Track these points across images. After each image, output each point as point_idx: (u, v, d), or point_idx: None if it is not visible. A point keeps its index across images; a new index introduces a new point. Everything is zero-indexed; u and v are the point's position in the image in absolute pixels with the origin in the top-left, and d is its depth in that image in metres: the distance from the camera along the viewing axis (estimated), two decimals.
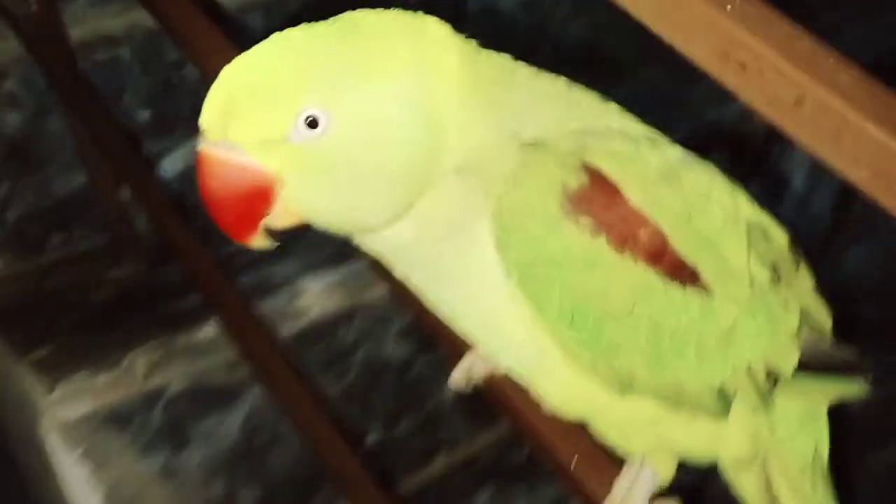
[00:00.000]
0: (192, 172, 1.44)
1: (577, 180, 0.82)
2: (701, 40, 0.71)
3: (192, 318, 2.01)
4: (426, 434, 2.32)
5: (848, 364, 1.00)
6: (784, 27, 0.69)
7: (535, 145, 0.83)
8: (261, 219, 0.83)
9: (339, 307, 2.14)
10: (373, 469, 1.99)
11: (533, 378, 0.93)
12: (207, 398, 2.02)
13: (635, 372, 0.87)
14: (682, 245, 0.85)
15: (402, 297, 1.15)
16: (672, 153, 0.88)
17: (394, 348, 2.24)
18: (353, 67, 0.79)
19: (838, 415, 1.05)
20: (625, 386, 0.88)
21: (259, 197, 0.81)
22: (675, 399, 0.90)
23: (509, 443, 2.34)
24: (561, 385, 0.91)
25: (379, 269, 1.01)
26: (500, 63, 0.88)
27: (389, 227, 0.85)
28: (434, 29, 0.83)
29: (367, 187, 0.81)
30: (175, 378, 1.98)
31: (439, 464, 2.33)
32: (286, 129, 0.79)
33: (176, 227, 1.76)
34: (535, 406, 0.99)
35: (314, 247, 2.12)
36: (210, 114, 0.80)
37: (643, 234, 0.83)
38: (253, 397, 2.05)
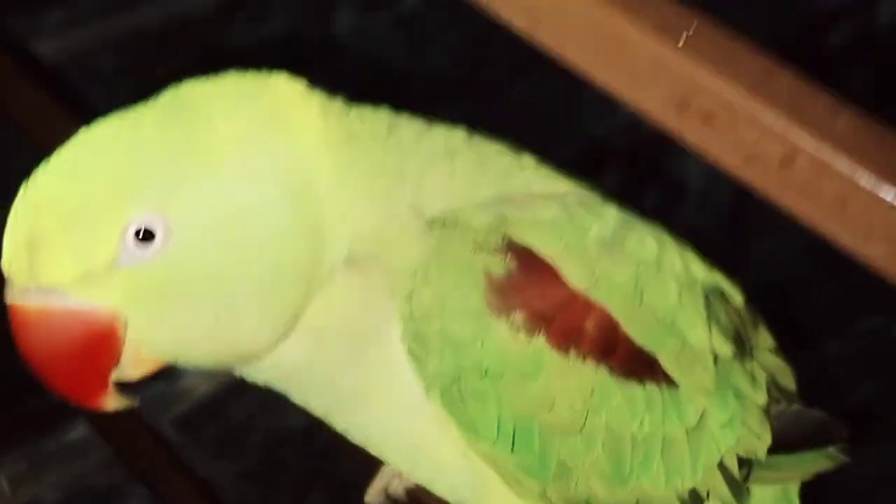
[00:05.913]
0: None
1: (502, 265, 0.67)
2: (650, 86, 0.54)
3: (61, 416, 1.79)
4: None
5: (820, 432, 0.89)
6: (755, 60, 0.53)
7: (444, 223, 0.70)
8: (108, 373, 0.67)
9: (227, 380, 1.94)
10: None
11: None
12: None
13: (592, 495, 0.74)
14: (637, 331, 0.72)
15: None
16: (610, 214, 0.73)
17: (295, 417, 2.04)
18: (184, 155, 0.64)
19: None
20: None
21: (99, 348, 0.66)
22: None
23: None
24: None
25: None
26: (378, 120, 0.73)
27: (274, 350, 0.69)
28: (285, 88, 0.68)
29: (236, 303, 0.66)
30: (48, 488, 1.77)
31: None
32: (112, 251, 0.63)
33: None
34: None
35: None
36: (12, 253, 0.64)
37: (590, 325, 0.70)
38: (138, 499, 1.85)
